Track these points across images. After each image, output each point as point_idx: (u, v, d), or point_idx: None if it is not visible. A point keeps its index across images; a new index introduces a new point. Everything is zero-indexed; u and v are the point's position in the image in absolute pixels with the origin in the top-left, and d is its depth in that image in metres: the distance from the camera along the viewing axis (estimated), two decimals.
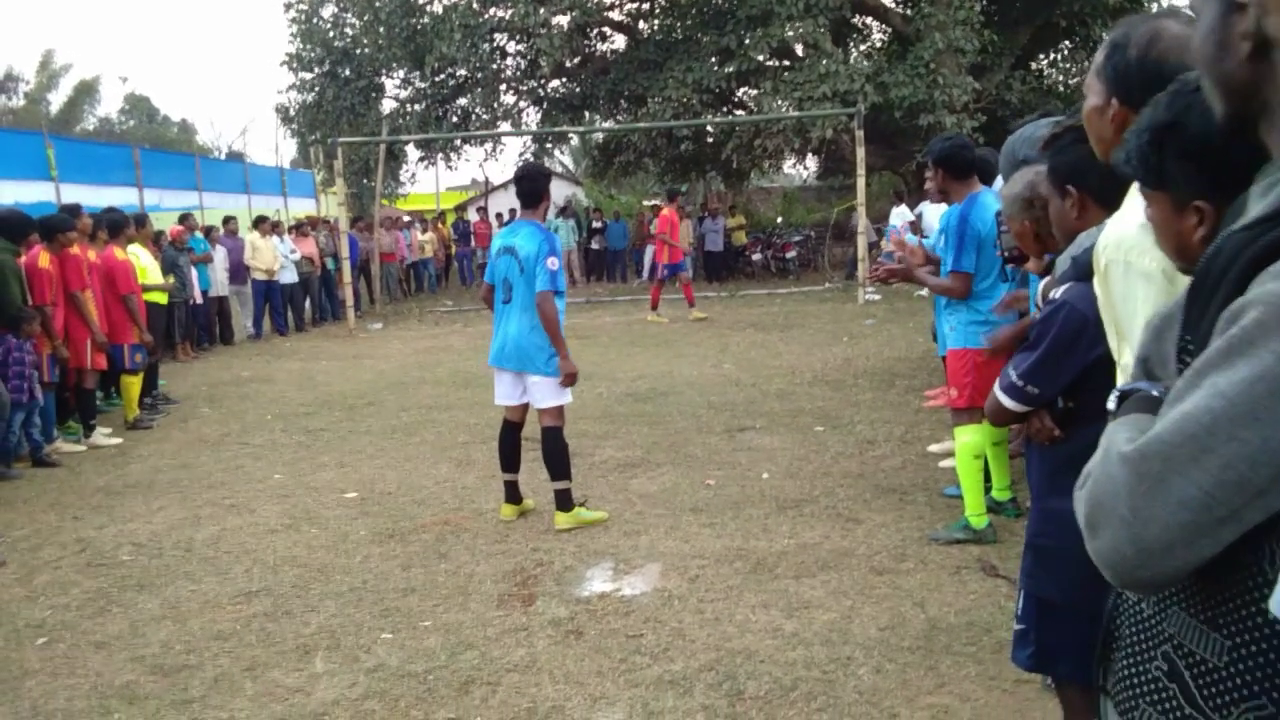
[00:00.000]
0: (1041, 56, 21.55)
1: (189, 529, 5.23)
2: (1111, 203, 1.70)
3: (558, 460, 4.96)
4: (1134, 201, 1.62)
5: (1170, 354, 1.13)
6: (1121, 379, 1.60)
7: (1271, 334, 0.86)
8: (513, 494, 5.16)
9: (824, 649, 3.45)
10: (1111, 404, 1.12)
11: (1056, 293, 1.97)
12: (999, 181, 5.13)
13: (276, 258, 13.85)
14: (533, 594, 4.13)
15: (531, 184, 4.98)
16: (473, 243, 22.64)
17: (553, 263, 4.80)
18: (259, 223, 14.10)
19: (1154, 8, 19.68)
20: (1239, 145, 1.07)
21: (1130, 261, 1.52)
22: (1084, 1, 18.83)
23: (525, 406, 5.09)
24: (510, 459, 5.13)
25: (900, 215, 17.13)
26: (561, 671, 3.39)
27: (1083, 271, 1.83)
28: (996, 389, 2.05)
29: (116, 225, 8.39)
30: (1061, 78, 21.04)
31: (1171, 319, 1.15)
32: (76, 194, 12.42)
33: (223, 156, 36.52)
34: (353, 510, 5.44)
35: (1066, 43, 20.95)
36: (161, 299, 8.90)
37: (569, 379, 4.91)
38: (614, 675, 3.35)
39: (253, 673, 3.51)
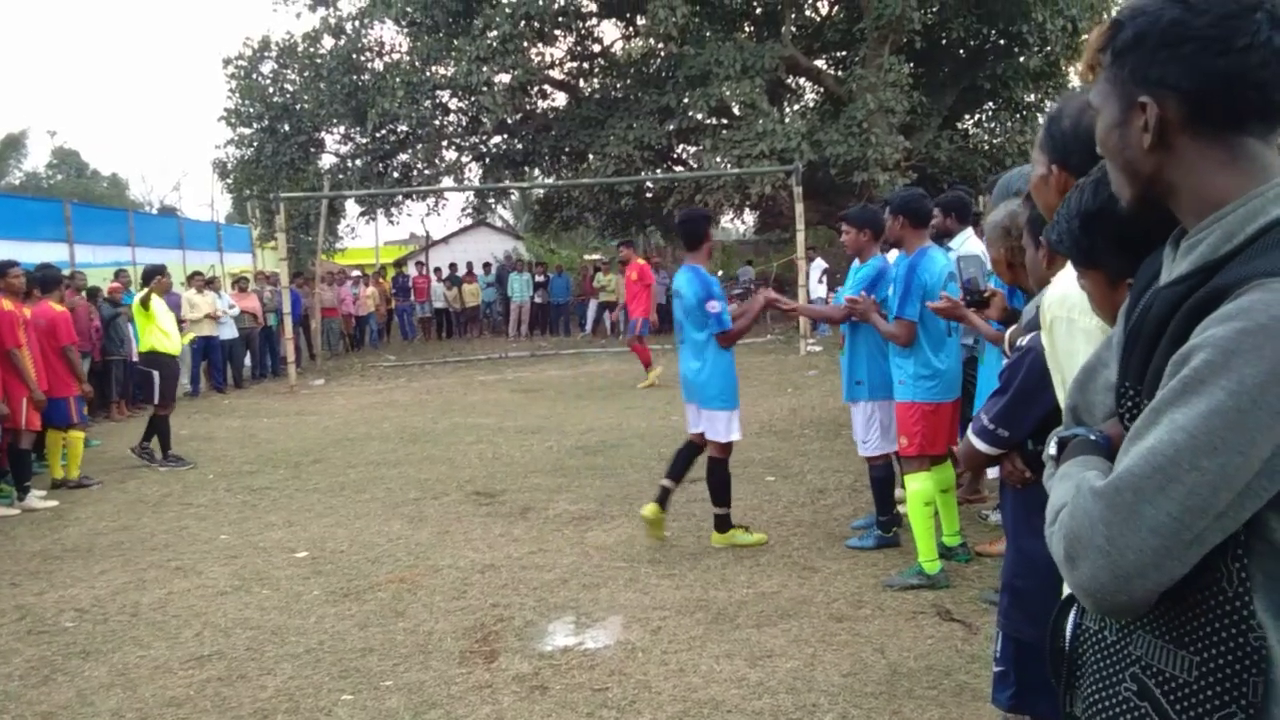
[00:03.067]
0: (968, 117, 22.49)
1: (134, 593, 5.08)
2: None
3: (718, 489, 5.35)
4: None
5: (1096, 402, 1.26)
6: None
7: (1220, 373, 0.97)
8: (663, 496, 5.40)
9: (789, 697, 3.48)
10: (1052, 449, 1.22)
11: (1023, 340, 2.08)
12: (960, 237, 5.37)
13: (216, 312, 13.63)
14: (495, 650, 4.09)
15: (691, 226, 5.37)
16: (412, 297, 22.52)
17: (714, 305, 5.16)
18: (192, 278, 13.90)
19: (1071, 71, 20.74)
20: (1157, 225, 1.19)
21: (1074, 319, 1.63)
22: (1005, 65, 19.84)
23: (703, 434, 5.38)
24: (676, 467, 5.46)
25: (818, 268, 17.64)
26: None
27: None
28: (970, 433, 2.15)
29: (50, 281, 8.26)
30: (987, 137, 21.96)
31: (1093, 371, 1.29)
32: (5, 250, 12.06)
33: (155, 211, 35.88)
34: (304, 570, 5.34)
35: (990, 104, 21.93)
36: (174, 350, 8.88)
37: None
38: None
39: None
